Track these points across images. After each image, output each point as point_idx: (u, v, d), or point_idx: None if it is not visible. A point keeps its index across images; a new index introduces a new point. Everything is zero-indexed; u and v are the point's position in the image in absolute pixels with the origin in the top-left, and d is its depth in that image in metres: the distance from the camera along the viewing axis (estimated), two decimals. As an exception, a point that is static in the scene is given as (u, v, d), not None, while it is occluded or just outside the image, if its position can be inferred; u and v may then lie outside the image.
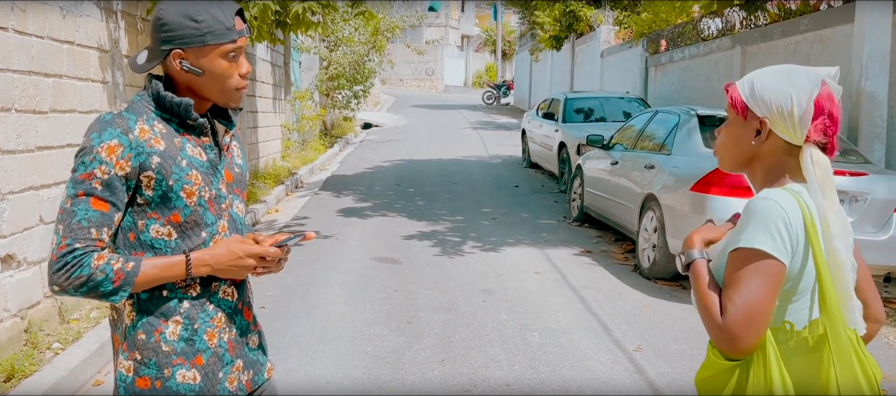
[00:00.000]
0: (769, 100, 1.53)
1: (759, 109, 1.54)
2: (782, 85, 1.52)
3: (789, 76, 1.54)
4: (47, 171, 4.47)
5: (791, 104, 1.50)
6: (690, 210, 5.79)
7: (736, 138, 1.60)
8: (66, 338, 4.19)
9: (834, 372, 1.45)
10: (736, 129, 1.60)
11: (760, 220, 1.47)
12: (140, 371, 1.65)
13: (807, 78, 1.52)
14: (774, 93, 1.52)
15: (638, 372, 4.20)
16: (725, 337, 1.46)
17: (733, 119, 1.60)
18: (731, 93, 1.59)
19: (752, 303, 1.44)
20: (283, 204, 9.69)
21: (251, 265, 1.67)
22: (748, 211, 1.50)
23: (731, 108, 1.60)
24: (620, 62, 16.93)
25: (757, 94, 1.54)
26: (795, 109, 1.50)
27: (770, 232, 1.46)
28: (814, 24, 8.43)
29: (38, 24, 4.36)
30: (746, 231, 1.48)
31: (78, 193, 1.57)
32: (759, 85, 1.55)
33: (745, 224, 1.49)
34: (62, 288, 1.56)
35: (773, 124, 1.53)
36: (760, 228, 1.46)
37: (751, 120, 1.56)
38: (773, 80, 1.54)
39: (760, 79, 1.56)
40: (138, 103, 1.67)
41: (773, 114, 1.53)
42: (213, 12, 1.63)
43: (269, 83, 11.80)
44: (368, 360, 4.27)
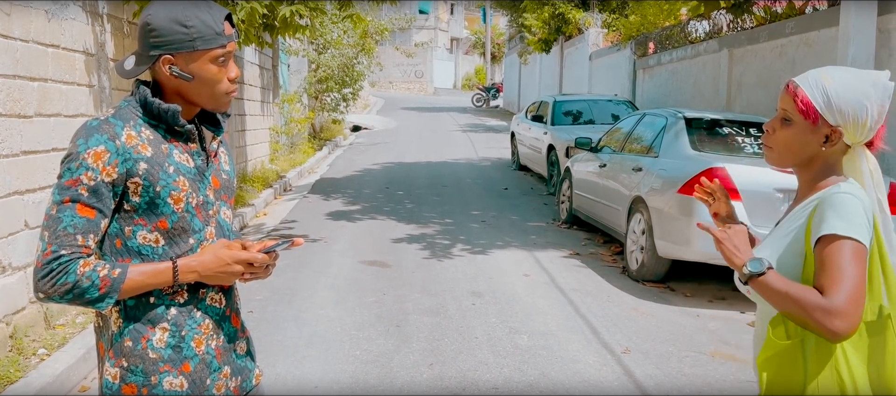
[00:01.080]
0: (846, 111, 1.58)
1: (834, 118, 1.59)
2: (857, 96, 1.57)
3: (858, 84, 1.59)
4: (32, 176, 4.43)
5: (866, 116, 1.58)
6: (678, 212, 5.82)
7: (801, 141, 1.64)
8: (52, 344, 4.15)
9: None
10: (802, 133, 1.63)
11: (850, 211, 1.54)
12: (127, 379, 1.64)
13: (875, 86, 1.58)
14: (851, 104, 1.57)
15: (626, 374, 4.21)
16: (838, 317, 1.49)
17: (800, 122, 1.63)
18: (801, 98, 1.61)
19: (857, 285, 1.51)
20: (272, 207, 9.66)
21: (239, 271, 1.66)
22: (834, 202, 1.56)
23: (798, 112, 1.62)
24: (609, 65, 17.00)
25: (833, 105, 1.58)
26: (869, 121, 1.58)
27: (860, 222, 1.53)
28: (799, 27, 8.50)
29: (23, 27, 4.33)
30: (839, 219, 1.54)
31: (64, 199, 1.56)
32: (834, 94, 1.58)
33: (836, 212, 1.54)
34: (47, 295, 1.55)
35: (846, 132, 1.60)
36: (853, 217, 1.53)
37: (822, 126, 1.60)
38: (847, 91, 1.58)
39: (834, 86, 1.59)
40: (125, 109, 1.66)
41: (847, 123, 1.59)
42: (203, 17, 1.62)
43: (257, 86, 11.76)
44: (357, 364, 4.26)
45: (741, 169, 5.64)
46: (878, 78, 1.59)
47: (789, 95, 1.63)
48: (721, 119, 6.96)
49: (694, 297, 5.86)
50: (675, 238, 5.87)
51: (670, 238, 5.91)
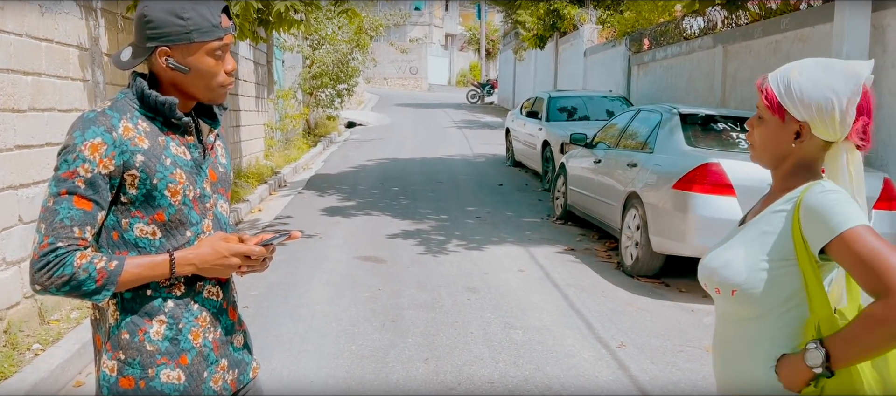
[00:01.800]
0: (809, 103, 1.50)
1: (799, 112, 1.52)
2: (822, 88, 1.49)
3: (826, 76, 1.51)
4: (26, 171, 4.42)
5: (832, 109, 1.49)
6: (672, 208, 5.84)
7: (773, 138, 1.57)
8: (47, 339, 4.14)
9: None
10: (773, 130, 1.57)
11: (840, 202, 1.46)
12: (124, 371, 1.63)
13: (846, 78, 1.50)
14: (814, 97, 1.49)
15: (621, 369, 4.23)
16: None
17: (769, 119, 1.57)
18: (766, 93, 1.56)
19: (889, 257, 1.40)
20: (266, 203, 9.65)
21: (236, 264, 1.66)
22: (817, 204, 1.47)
23: (766, 108, 1.56)
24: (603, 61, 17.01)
25: (795, 97, 1.51)
26: (837, 114, 1.49)
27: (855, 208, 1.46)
28: (794, 23, 8.52)
29: (17, 21, 4.30)
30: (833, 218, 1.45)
31: (60, 191, 1.55)
32: (796, 86, 1.51)
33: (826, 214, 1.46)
34: (44, 288, 1.54)
35: (814, 127, 1.52)
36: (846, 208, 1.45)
37: (789, 122, 1.54)
38: (811, 83, 1.51)
39: (798, 79, 1.52)
40: (122, 101, 1.65)
41: (813, 117, 1.51)
42: (200, 9, 1.61)
43: (252, 82, 11.73)
44: (352, 359, 4.26)
45: (735, 164, 5.66)
46: (853, 69, 1.51)
47: (760, 91, 1.58)
48: (716, 115, 6.97)
49: (688, 292, 5.88)
50: (669, 233, 5.88)
51: (665, 233, 5.93)
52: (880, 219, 5.46)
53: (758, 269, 1.55)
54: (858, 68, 1.52)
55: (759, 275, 1.55)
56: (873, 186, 5.54)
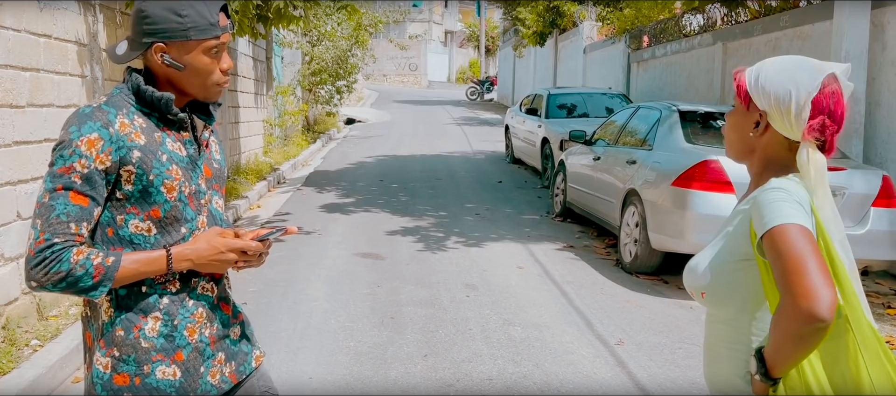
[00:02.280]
0: (770, 92, 1.50)
1: (760, 101, 1.52)
2: (783, 79, 1.48)
3: (794, 70, 1.50)
4: (24, 166, 4.41)
5: (789, 101, 1.47)
6: (672, 205, 5.83)
7: (737, 126, 1.58)
8: (45, 335, 4.14)
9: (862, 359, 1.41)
10: (738, 118, 1.58)
11: (778, 201, 1.43)
12: (118, 368, 1.63)
13: (810, 74, 1.48)
14: (775, 86, 1.49)
15: (620, 366, 4.23)
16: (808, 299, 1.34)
17: (738, 106, 1.58)
18: (739, 80, 1.56)
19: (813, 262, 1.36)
20: (265, 199, 9.64)
21: (232, 259, 1.66)
22: (761, 201, 1.46)
23: (737, 96, 1.58)
24: (603, 58, 17.00)
25: (759, 86, 1.51)
26: (793, 106, 1.47)
27: (791, 209, 1.42)
28: (793, 21, 8.52)
29: (15, 17, 4.29)
30: (768, 214, 1.42)
31: (56, 187, 1.54)
32: (762, 76, 1.51)
33: (762, 211, 1.44)
34: (40, 284, 1.53)
35: (772, 118, 1.51)
36: (782, 206, 1.42)
37: (752, 110, 1.54)
38: (776, 73, 1.50)
39: (766, 70, 1.52)
40: (118, 97, 1.64)
41: (771, 108, 1.50)
42: (198, 7, 1.61)
43: (251, 78, 11.72)
44: (351, 355, 4.26)
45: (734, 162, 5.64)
46: (821, 67, 1.49)
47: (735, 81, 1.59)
48: (715, 112, 6.97)
49: (687, 290, 5.87)
50: (668, 230, 5.88)
51: (664, 230, 5.93)
52: (879, 217, 5.47)
53: (721, 270, 1.55)
54: (828, 66, 1.50)
55: (723, 277, 1.55)
56: (872, 184, 5.55)
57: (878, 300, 5.80)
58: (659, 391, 3.93)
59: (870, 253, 5.44)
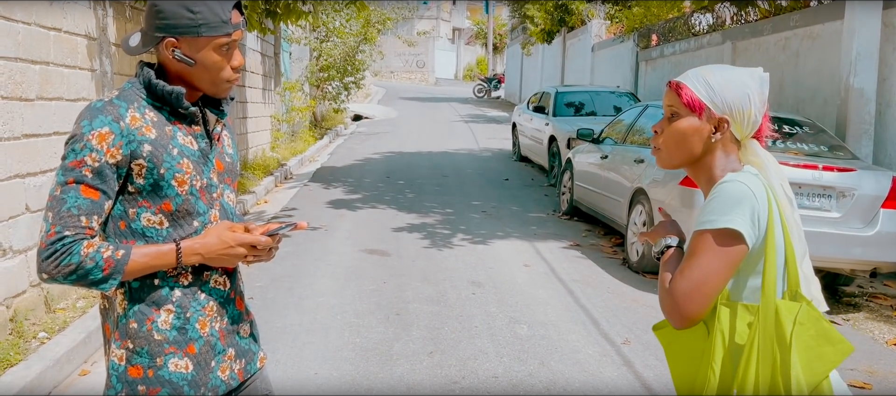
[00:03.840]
0: (731, 100, 1.59)
1: (719, 108, 1.60)
2: (738, 85, 1.59)
3: (738, 76, 1.61)
4: (34, 159, 4.43)
5: (749, 105, 1.59)
6: (679, 204, 5.81)
7: (688, 133, 1.62)
8: (53, 328, 4.15)
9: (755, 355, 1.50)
10: (689, 126, 1.62)
11: (729, 201, 1.52)
12: (132, 360, 1.64)
13: (754, 78, 1.61)
14: (734, 93, 1.59)
15: (626, 365, 4.22)
16: (666, 305, 1.55)
17: (686, 116, 1.62)
18: (686, 92, 1.62)
19: (700, 277, 1.51)
20: (272, 195, 9.66)
21: (242, 253, 1.66)
22: (716, 192, 1.55)
23: (683, 105, 1.62)
24: (611, 56, 16.96)
25: (717, 94, 1.59)
26: (753, 112, 1.59)
27: (737, 212, 1.51)
28: (804, 21, 8.47)
29: (25, 10, 4.31)
30: (713, 211, 1.53)
31: (68, 180, 1.55)
32: (716, 85, 1.60)
33: (712, 204, 1.54)
34: (51, 276, 1.54)
35: (732, 122, 1.60)
36: (729, 208, 1.51)
37: (708, 118, 1.61)
38: (727, 82, 1.60)
39: (715, 78, 1.60)
40: (129, 91, 1.65)
41: (733, 113, 1.59)
42: (210, 4, 1.61)
43: (259, 73, 11.73)
44: (357, 351, 4.26)
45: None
46: (753, 71, 1.63)
47: (673, 92, 1.64)
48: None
49: (694, 289, 5.85)
50: (676, 230, 5.86)
51: (671, 230, 5.90)
52: (889, 218, 5.43)
53: None
54: (757, 71, 1.63)
55: None
56: (882, 185, 5.51)
57: (888, 301, 5.77)
58: (665, 390, 3.92)
59: (879, 255, 5.41)
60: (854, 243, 5.34)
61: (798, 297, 1.55)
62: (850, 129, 7.18)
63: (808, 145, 5.96)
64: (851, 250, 5.33)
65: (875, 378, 4.22)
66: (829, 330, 1.51)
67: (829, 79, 7.83)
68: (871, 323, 5.28)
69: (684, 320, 1.53)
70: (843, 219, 5.40)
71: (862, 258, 5.36)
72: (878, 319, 5.36)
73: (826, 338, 1.50)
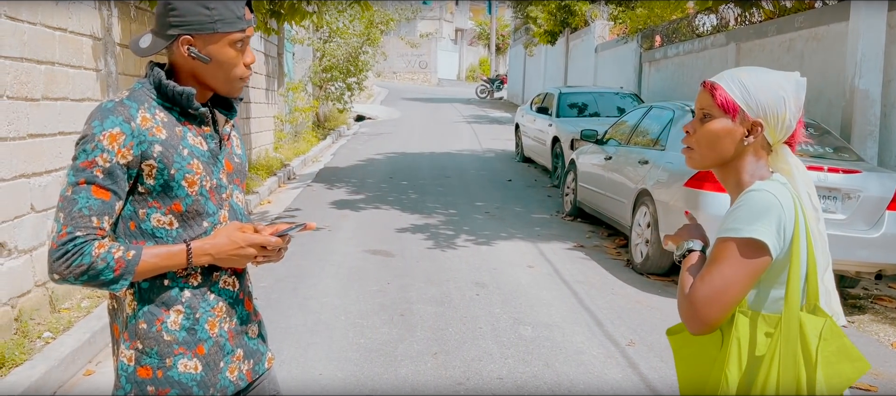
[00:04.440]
0: (765, 103, 1.56)
1: (754, 111, 1.57)
2: (774, 88, 1.56)
3: (774, 79, 1.58)
4: (39, 159, 4.43)
5: (784, 109, 1.56)
6: (684, 205, 5.80)
7: (722, 137, 1.59)
8: (57, 328, 4.16)
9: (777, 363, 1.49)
10: (723, 128, 1.59)
11: (756, 210, 1.50)
12: (142, 361, 1.64)
13: (790, 82, 1.58)
14: (769, 96, 1.56)
15: (630, 367, 4.21)
16: (685, 309, 1.53)
17: (720, 117, 1.60)
18: (720, 93, 1.59)
19: (721, 285, 1.50)
20: (275, 195, 9.66)
21: (252, 254, 1.66)
22: (744, 200, 1.53)
23: (717, 106, 1.59)
24: (614, 57, 16.94)
25: (752, 96, 1.56)
26: (788, 114, 1.57)
27: (764, 223, 1.49)
28: (808, 22, 8.45)
29: (31, 10, 4.31)
30: (739, 219, 1.51)
31: (79, 181, 1.55)
32: (752, 87, 1.57)
33: (738, 212, 1.52)
34: (62, 277, 1.55)
35: (766, 125, 1.57)
36: (755, 218, 1.50)
37: (742, 120, 1.58)
38: (764, 83, 1.57)
39: (751, 80, 1.58)
40: (139, 91, 1.65)
41: (768, 116, 1.57)
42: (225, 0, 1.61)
43: (263, 74, 11.74)
44: (361, 352, 4.26)
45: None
46: (790, 75, 1.60)
47: (707, 92, 1.61)
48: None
49: (698, 291, 5.84)
50: (680, 231, 5.84)
51: (676, 231, 5.89)
52: (894, 220, 5.42)
53: None
54: (794, 75, 1.60)
55: None
56: (887, 187, 5.50)
57: (893, 304, 5.76)
58: (670, 392, 3.91)
59: (885, 257, 5.39)
60: (859, 245, 5.33)
61: (817, 311, 1.54)
62: (854, 131, 7.17)
63: (813, 147, 5.95)
64: (856, 252, 5.32)
65: (880, 380, 4.21)
66: (849, 346, 1.51)
67: (833, 80, 7.82)
68: (876, 326, 5.26)
69: (702, 326, 1.52)
70: (849, 221, 5.39)
71: (867, 260, 5.35)
72: (884, 321, 5.35)
73: (846, 355, 1.50)
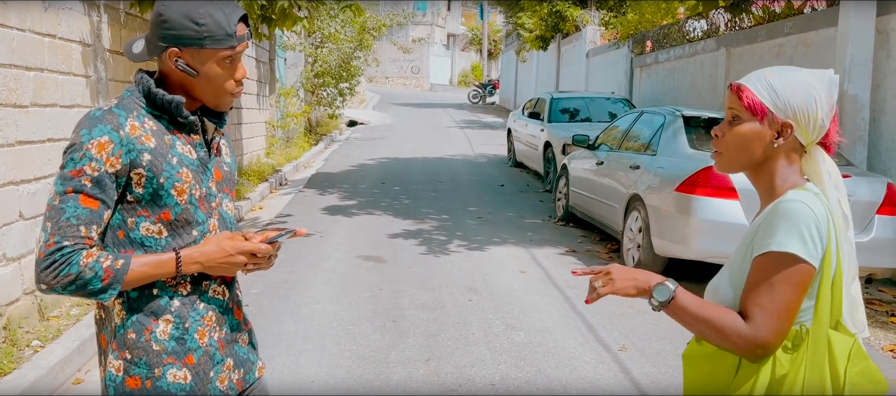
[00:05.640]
0: (795, 103, 1.51)
1: (783, 112, 1.53)
2: (804, 88, 1.52)
3: (805, 78, 1.54)
4: (28, 166, 4.40)
5: (815, 108, 1.51)
6: (675, 210, 5.82)
7: (751, 140, 1.55)
8: (46, 336, 4.13)
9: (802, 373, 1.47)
10: (751, 130, 1.55)
11: (793, 223, 1.46)
12: (130, 371, 1.62)
13: (822, 81, 1.54)
14: (799, 96, 1.52)
15: (623, 372, 4.21)
16: (756, 344, 1.45)
17: (748, 120, 1.56)
18: (747, 95, 1.55)
19: (783, 309, 1.44)
20: (267, 201, 9.63)
21: (242, 261, 1.65)
22: (779, 212, 1.48)
23: (745, 109, 1.55)
24: (606, 63, 17.00)
25: (780, 97, 1.52)
26: (820, 114, 1.52)
27: (802, 236, 1.45)
28: (798, 27, 8.50)
29: (20, 16, 4.29)
30: (777, 233, 1.46)
31: (67, 190, 1.54)
32: (780, 88, 1.53)
33: (774, 226, 1.47)
34: (50, 287, 1.53)
35: (796, 126, 1.53)
36: (793, 231, 1.45)
37: (771, 122, 1.54)
38: (793, 83, 1.53)
39: (779, 81, 1.54)
40: (128, 99, 1.64)
41: (798, 116, 1.52)
42: (216, 16, 1.60)
43: (254, 80, 11.71)
44: (353, 359, 4.25)
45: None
46: (822, 74, 1.55)
47: (734, 94, 1.57)
48: (719, 118, 6.95)
49: (690, 296, 5.85)
50: (672, 236, 5.86)
51: (667, 236, 5.91)
52: (884, 225, 5.45)
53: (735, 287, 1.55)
54: (826, 73, 1.56)
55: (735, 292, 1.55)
56: (877, 192, 5.53)
57: (882, 308, 5.78)
58: (663, 397, 3.91)
59: (874, 260, 5.42)
60: (849, 249, 5.35)
61: (840, 327, 1.53)
62: (844, 136, 7.19)
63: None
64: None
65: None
66: (873, 369, 1.51)
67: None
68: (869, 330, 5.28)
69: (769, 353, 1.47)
70: (839, 225, 5.41)
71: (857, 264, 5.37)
72: (874, 325, 5.37)
73: (869, 377, 1.49)
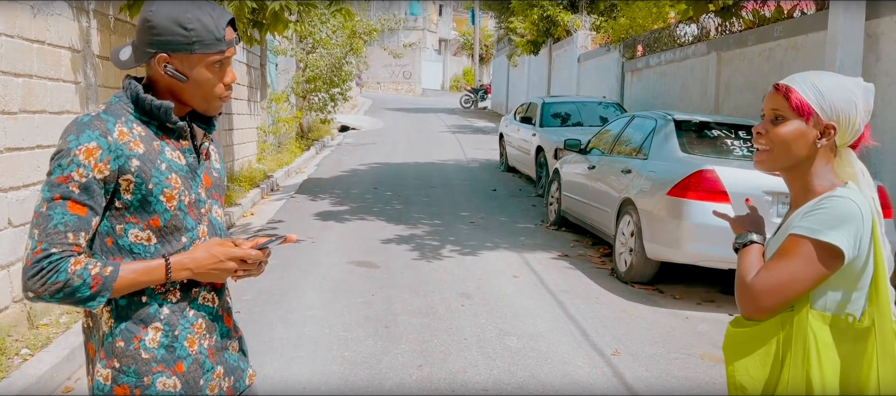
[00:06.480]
0: (839, 107, 1.60)
1: (827, 114, 1.61)
2: (846, 93, 1.61)
3: (845, 83, 1.63)
4: (16, 173, 4.37)
5: (855, 113, 1.61)
6: (667, 214, 5.83)
7: (796, 139, 1.62)
8: (36, 344, 4.09)
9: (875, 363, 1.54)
10: (796, 131, 1.62)
11: (838, 217, 1.55)
12: (118, 380, 1.60)
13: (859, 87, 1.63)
14: (842, 100, 1.60)
15: (615, 376, 4.21)
16: (744, 293, 1.59)
17: (794, 120, 1.62)
18: (795, 96, 1.62)
19: (787, 279, 1.55)
20: (259, 207, 9.60)
21: (232, 268, 1.64)
22: (826, 205, 1.56)
23: (791, 109, 1.62)
24: (597, 67, 17.04)
25: (826, 101, 1.60)
26: (858, 119, 1.61)
27: (841, 230, 1.54)
28: (787, 31, 8.55)
29: (8, 22, 4.26)
30: (820, 222, 1.55)
31: (54, 197, 1.52)
32: (826, 91, 1.61)
33: (820, 215, 1.56)
34: (37, 295, 1.51)
35: (838, 128, 1.62)
36: (836, 224, 1.54)
37: (815, 123, 1.61)
38: (836, 88, 1.61)
39: (824, 85, 1.62)
40: (116, 105, 1.63)
41: (840, 119, 1.61)
42: (204, 21, 1.59)
43: (245, 85, 11.68)
44: (346, 365, 4.23)
45: (730, 171, 5.66)
46: (858, 81, 1.65)
47: (780, 95, 1.63)
48: (710, 121, 6.98)
49: (683, 299, 5.87)
50: (664, 240, 5.87)
51: (659, 240, 5.92)
52: (874, 227, 5.47)
53: None
54: (861, 80, 1.66)
55: None
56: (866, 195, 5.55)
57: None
58: (656, 401, 3.91)
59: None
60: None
61: None
62: (834, 139, 7.24)
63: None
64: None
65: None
66: None
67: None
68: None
69: (757, 312, 1.59)
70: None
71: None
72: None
73: None
